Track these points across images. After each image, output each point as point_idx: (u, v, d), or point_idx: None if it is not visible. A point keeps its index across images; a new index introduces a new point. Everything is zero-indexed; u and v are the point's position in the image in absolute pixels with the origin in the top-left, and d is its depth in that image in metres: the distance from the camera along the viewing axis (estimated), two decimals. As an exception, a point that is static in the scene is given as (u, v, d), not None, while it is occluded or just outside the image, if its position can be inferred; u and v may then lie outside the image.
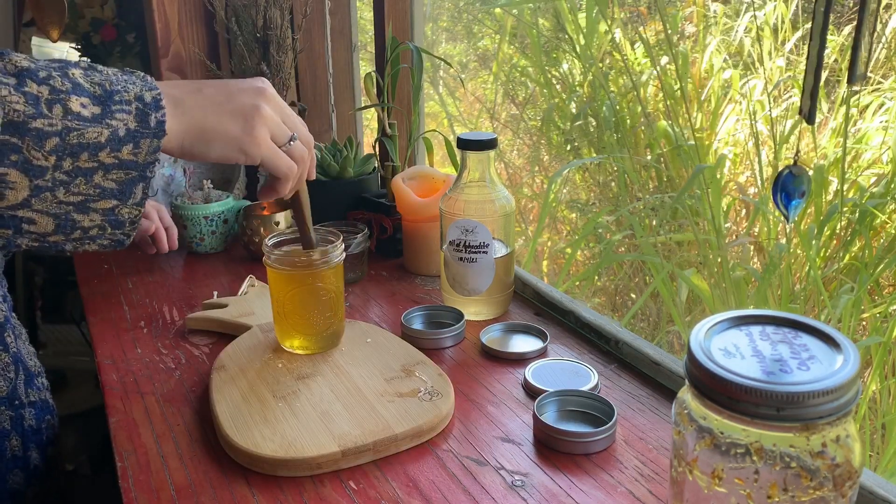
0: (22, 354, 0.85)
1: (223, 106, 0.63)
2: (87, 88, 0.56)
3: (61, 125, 0.54)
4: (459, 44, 3.05)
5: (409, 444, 0.71)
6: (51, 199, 0.56)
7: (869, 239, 1.62)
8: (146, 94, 0.59)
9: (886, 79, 1.90)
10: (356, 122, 1.55)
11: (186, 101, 0.62)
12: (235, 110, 0.63)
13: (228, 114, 0.63)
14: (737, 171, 2.08)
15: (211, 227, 1.23)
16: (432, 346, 0.90)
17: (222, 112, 0.63)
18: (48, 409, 0.88)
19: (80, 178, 0.56)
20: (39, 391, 0.87)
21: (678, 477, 0.51)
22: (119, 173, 0.58)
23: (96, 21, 1.51)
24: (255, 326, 0.92)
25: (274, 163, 0.67)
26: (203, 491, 0.66)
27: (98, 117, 0.56)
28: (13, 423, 0.81)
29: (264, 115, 0.64)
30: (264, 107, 0.64)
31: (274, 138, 0.66)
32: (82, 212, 0.58)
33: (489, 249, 0.93)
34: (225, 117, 0.63)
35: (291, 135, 0.68)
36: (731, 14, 2.19)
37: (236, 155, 0.64)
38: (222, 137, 0.63)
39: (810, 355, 0.48)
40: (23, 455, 0.82)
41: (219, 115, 0.63)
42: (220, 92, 0.64)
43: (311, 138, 0.72)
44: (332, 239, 0.85)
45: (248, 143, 0.64)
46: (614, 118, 2.09)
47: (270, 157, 0.66)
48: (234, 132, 0.63)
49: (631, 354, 0.85)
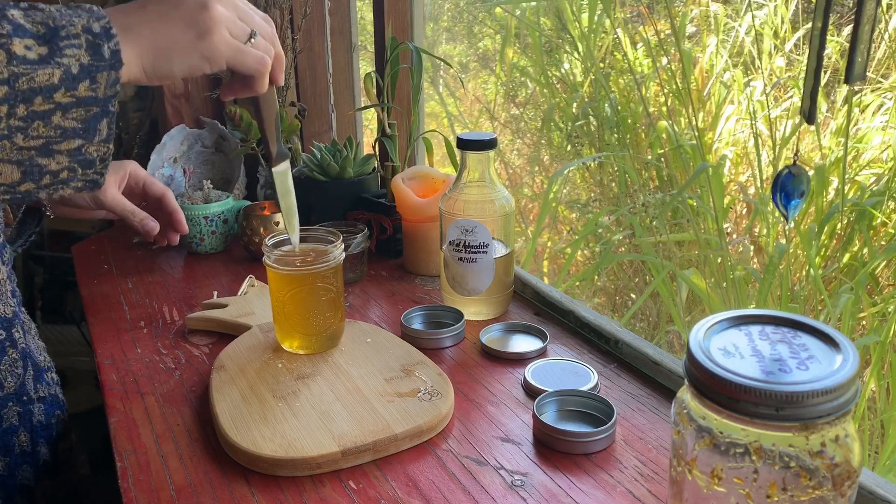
0: (31, 350, 0.85)
1: (170, 16, 0.60)
2: (30, 29, 0.53)
3: (7, 72, 0.52)
4: (459, 44, 3.05)
5: (408, 444, 0.71)
6: (9, 146, 0.54)
7: (869, 239, 1.62)
8: (94, 24, 0.55)
9: (886, 78, 1.90)
10: (356, 122, 1.55)
11: (133, 22, 0.59)
12: (184, 17, 0.60)
13: (178, 22, 0.60)
14: (737, 172, 2.09)
15: (211, 227, 1.23)
16: (432, 346, 0.90)
17: (171, 23, 0.60)
18: (58, 405, 0.87)
19: (38, 122, 0.54)
20: (49, 386, 0.87)
21: (677, 476, 0.51)
22: (79, 111, 0.55)
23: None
24: (254, 326, 0.92)
25: (240, 60, 0.63)
26: (203, 491, 0.66)
27: (46, 58, 0.53)
28: (21, 419, 0.81)
29: (215, 14, 0.61)
30: (213, 5, 0.61)
31: (233, 36, 0.63)
32: (46, 155, 0.55)
33: (489, 249, 0.93)
34: (175, 28, 0.60)
35: (251, 31, 0.64)
36: (732, 14, 2.19)
37: (200, 63, 0.61)
38: (179, 50, 0.60)
39: (809, 355, 0.48)
40: (31, 450, 0.82)
41: (168, 28, 0.59)
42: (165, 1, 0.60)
43: (273, 34, 0.68)
44: (332, 239, 0.85)
45: (207, 47, 0.61)
46: (616, 118, 2.09)
47: (234, 56, 0.63)
48: (188, 41, 0.60)
49: (631, 354, 0.85)
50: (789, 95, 1.97)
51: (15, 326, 0.81)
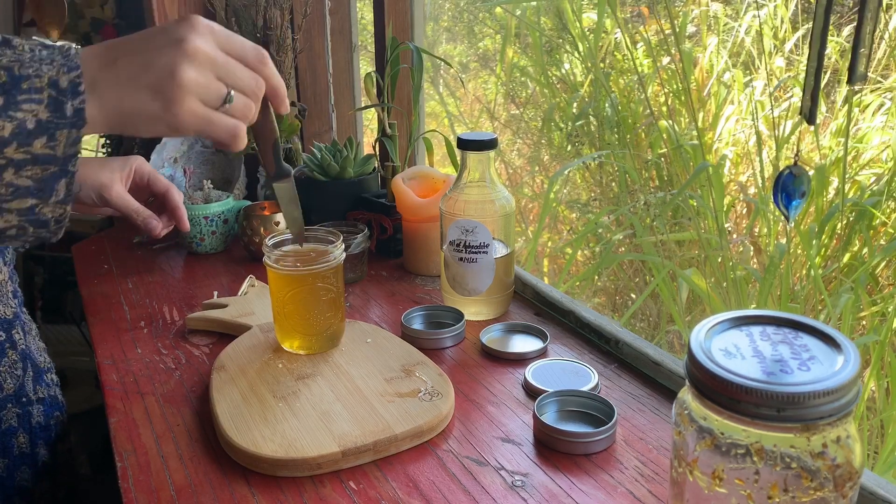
0: (31, 351, 0.84)
1: (138, 80, 0.55)
2: None
3: None
4: (460, 44, 3.05)
5: (409, 444, 0.71)
6: None
7: (869, 238, 1.62)
8: (62, 78, 0.51)
9: (886, 78, 1.90)
10: (356, 122, 1.55)
11: (102, 79, 0.54)
12: (152, 84, 0.55)
13: (145, 90, 0.55)
14: (738, 172, 2.08)
15: (211, 227, 1.23)
16: (432, 347, 0.90)
17: (138, 89, 0.55)
18: (57, 406, 0.87)
19: None
20: (48, 387, 0.86)
21: (678, 477, 0.51)
22: (35, 169, 0.51)
23: (96, 21, 1.51)
24: (255, 326, 0.92)
25: (209, 132, 0.58)
26: (203, 491, 0.66)
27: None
28: (20, 420, 0.81)
29: (184, 82, 0.55)
30: (184, 71, 0.55)
31: (206, 103, 0.57)
32: None
33: (489, 249, 0.93)
34: (141, 96, 0.55)
35: (227, 93, 0.58)
36: (732, 14, 2.19)
37: (165, 131, 0.57)
38: (145, 118, 0.55)
39: (811, 356, 0.48)
40: (30, 452, 0.82)
41: (134, 95, 0.55)
42: (136, 61, 0.55)
43: (257, 80, 0.61)
44: (332, 239, 0.85)
45: (173, 119, 0.56)
46: (616, 117, 2.09)
47: (203, 127, 0.58)
48: (154, 111, 0.55)
49: (631, 354, 0.85)
50: (789, 95, 1.97)
51: (15, 328, 0.81)
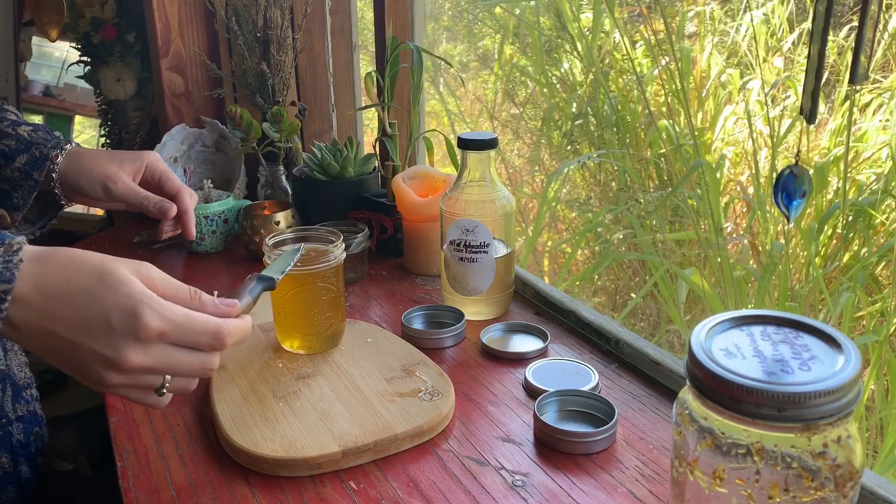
0: (12, 368, 0.83)
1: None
2: None
3: None
4: (460, 43, 3.05)
5: (409, 444, 0.71)
6: None
7: (869, 238, 1.62)
8: None
9: (886, 78, 1.90)
10: (356, 121, 1.55)
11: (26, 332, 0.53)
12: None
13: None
14: (737, 171, 2.09)
15: (211, 226, 1.23)
16: (432, 346, 0.90)
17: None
18: (36, 421, 0.86)
19: None
20: (28, 404, 0.85)
21: (679, 477, 0.51)
22: None
23: (96, 20, 1.51)
24: (255, 326, 0.92)
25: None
26: (203, 491, 0.66)
27: None
28: (1, 441, 0.80)
29: (111, 387, 0.54)
30: (111, 379, 0.53)
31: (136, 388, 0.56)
32: None
33: (489, 249, 0.93)
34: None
35: (161, 383, 0.56)
36: (731, 13, 2.19)
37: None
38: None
39: (812, 355, 0.48)
40: (13, 471, 0.81)
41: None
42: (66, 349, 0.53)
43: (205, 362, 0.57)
44: (332, 239, 0.85)
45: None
46: (615, 117, 2.09)
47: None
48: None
49: (631, 354, 0.85)
50: (787, 95, 1.97)
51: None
